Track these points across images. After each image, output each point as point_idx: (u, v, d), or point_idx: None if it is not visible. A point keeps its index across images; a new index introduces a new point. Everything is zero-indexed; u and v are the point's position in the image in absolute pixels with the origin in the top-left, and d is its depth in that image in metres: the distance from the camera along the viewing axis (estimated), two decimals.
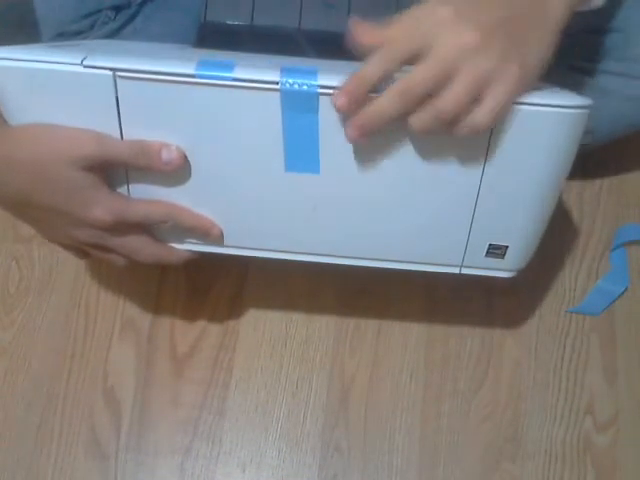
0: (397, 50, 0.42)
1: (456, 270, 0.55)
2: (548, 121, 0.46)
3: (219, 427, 0.71)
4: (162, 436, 0.70)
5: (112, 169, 0.49)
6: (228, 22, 0.63)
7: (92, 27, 0.68)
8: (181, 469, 0.69)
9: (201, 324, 0.74)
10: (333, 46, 0.48)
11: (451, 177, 0.49)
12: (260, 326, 0.74)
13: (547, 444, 0.70)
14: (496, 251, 0.53)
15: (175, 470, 0.69)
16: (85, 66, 0.45)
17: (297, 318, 0.74)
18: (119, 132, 0.47)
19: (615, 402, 0.71)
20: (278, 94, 0.45)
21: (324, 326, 0.74)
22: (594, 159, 0.79)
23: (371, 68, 0.42)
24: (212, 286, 0.76)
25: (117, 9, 0.68)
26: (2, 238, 0.78)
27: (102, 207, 0.48)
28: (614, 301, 0.75)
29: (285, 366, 0.73)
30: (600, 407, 0.71)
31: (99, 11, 0.67)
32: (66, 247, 0.55)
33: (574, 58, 0.67)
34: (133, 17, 0.70)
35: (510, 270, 0.55)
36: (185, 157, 0.48)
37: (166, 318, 0.74)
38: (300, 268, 0.76)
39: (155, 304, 0.75)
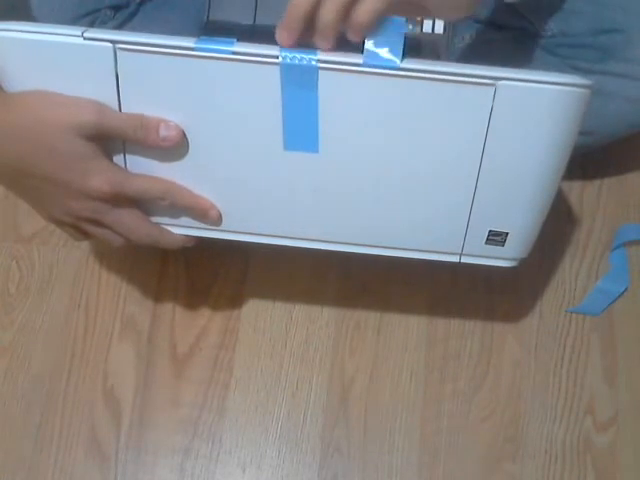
0: None
1: (456, 258, 0.55)
2: (549, 99, 0.45)
3: (219, 427, 0.71)
4: (162, 436, 0.70)
5: (111, 142, 0.49)
6: (231, 21, 0.63)
7: (91, 26, 0.68)
8: (181, 469, 0.69)
9: (201, 324, 0.74)
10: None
11: (450, 158, 0.48)
12: (260, 326, 0.74)
13: (547, 444, 0.70)
14: (496, 238, 0.53)
15: (175, 470, 0.69)
16: (86, 38, 0.45)
17: (297, 318, 0.74)
18: (118, 105, 0.48)
19: (615, 402, 0.71)
20: (278, 68, 0.45)
21: (324, 326, 0.74)
22: (594, 159, 0.79)
23: None
24: (212, 286, 0.75)
25: (116, 8, 0.68)
26: (2, 238, 0.78)
27: (101, 177, 0.48)
28: (614, 301, 0.75)
29: (285, 366, 0.73)
30: (600, 407, 0.71)
31: (98, 10, 0.67)
32: (63, 227, 0.55)
33: (574, 58, 0.67)
34: (132, 16, 0.69)
35: (511, 259, 0.55)
36: (183, 134, 0.48)
37: (166, 318, 0.74)
38: (300, 268, 0.76)
39: (155, 304, 0.75)
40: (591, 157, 0.79)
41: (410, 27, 0.49)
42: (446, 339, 0.74)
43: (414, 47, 0.46)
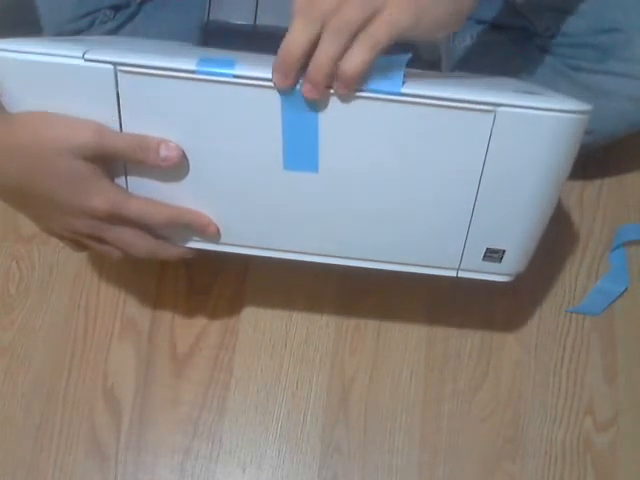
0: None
1: (453, 273, 0.55)
2: (547, 125, 0.46)
3: (219, 427, 0.71)
4: (162, 436, 0.70)
5: (112, 162, 0.49)
6: (231, 22, 0.63)
7: (91, 26, 0.68)
8: (181, 469, 0.69)
9: (201, 324, 0.74)
10: None
11: (449, 180, 0.49)
12: (260, 326, 0.74)
13: (547, 444, 0.70)
14: (493, 255, 0.53)
15: (175, 470, 0.69)
16: (86, 60, 0.45)
17: (297, 318, 0.74)
18: (119, 126, 0.48)
19: (615, 402, 0.71)
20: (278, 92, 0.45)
21: (324, 326, 0.74)
22: (594, 159, 0.79)
23: (295, 36, 0.42)
24: (212, 286, 0.75)
25: (116, 8, 0.68)
26: (2, 238, 0.78)
27: (101, 197, 0.48)
28: (614, 301, 0.75)
29: (285, 366, 0.73)
30: (600, 407, 0.71)
31: (98, 10, 0.67)
32: (63, 239, 0.55)
33: (575, 58, 0.67)
34: (132, 16, 0.69)
35: (507, 274, 0.55)
36: (183, 154, 0.49)
37: (166, 318, 0.74)
38: (300, 268, 0.76)
39: (155, 304, 0.75)
40: (591, 157, 0.79)
41: None
42: (446, 339, 0.74)
43: (414, 50, 0.46)
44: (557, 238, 0.77)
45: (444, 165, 0.48)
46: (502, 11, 0.71)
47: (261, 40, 0.46)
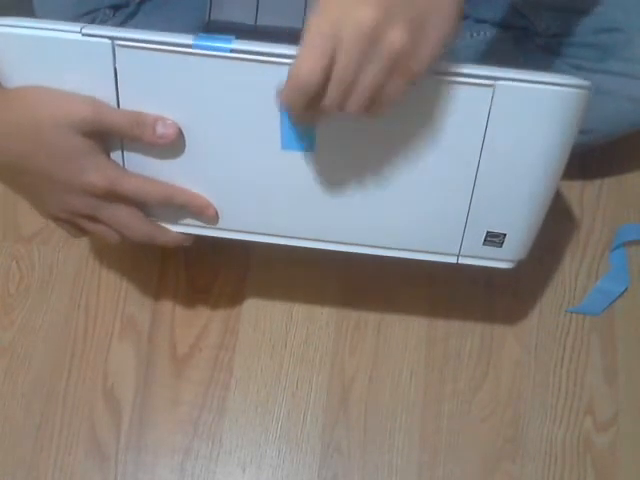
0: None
1: (453, 259, 0.55)
2: (548, 100, 0.45)
3: (219, 427, 0.71)
4: (162, 436, 0.70)
5: (109, 139, 0.49)
6: (232, 21, 0.63)
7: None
8: (181, 469, 0.69)
9: (201, 324, 0.74)
10: None
11: (448, 158, 0.48)
12: (260, 326, 0.74)
13: (547, 444, 0.70)
14: (494, 239, 0.53)
15: (175, 470, 0.69)
16: (84, 34, 0.45)
17: (297, 318, 0.74)
18: (116, 102, 0.48)
19: (615, 402, 0.71)
20: (276, 67, 0.45)
21: (324, 326, 0.74)
22: (594, 159, 0.79)
23: (305, 70, 0.40)
24: (212, 286, 0.75)
25: (116, 8, 0.68)
26: (2, 238, 0.78)
27: (98, 173, 0.49)
28: (614, 301, 0.75)
29: (285, 366, 0.73)
30: (600, 407, 0.71)
31: (97, 9, 0.67)
32: (60, 223, 0.55)
33: (575, 57, 0.67)
34: (132, 15, 0.69)
35: (508, 260, 0.55)
36: (180, 132, 0.49)
37: (166, 318, 0.74)
38: (300, 268, 0.76)
39: (155, 304, 0.75)
40: (591, 157, 0.79)
41: None
42: (446, 339, 0.74)
43: None
44: (557, 238, 0.77)
45: (443, 142, 0.47)
46: (502, 10, 0.71)
47: (262, 40, 0.46)
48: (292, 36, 0.50)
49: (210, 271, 0.76)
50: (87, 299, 0.75)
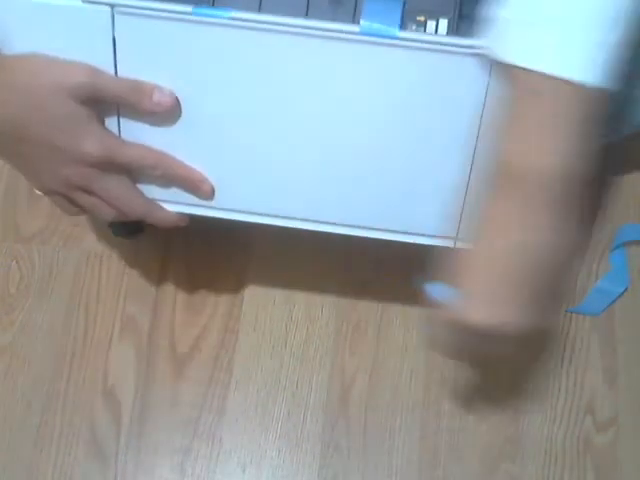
0: None
1: (450, 243, 0.53)
2: None
3: (219, 427, 0.71)
4: (162, 436, 0.70)
5: (105, 107, 0.49)
6: None
7: None
8: (181, 469, 0.69)
9: (201, 324, 0.74)
10: None
11: (445, 134, 0.48)
12: (260, 326, 0.74)
13: (547, 444, 0.70)
14: None
15: (175, 470, 0.69)
16: (84, 1, 0.45)
17: (297, 318, 0.74)
18: (114, 70, 0.48)
19: (615, 402, 0.71)
20: (276, 36, 0.44)
21: (324, 326, 0.74)
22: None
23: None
24: (212, 286, 0.75)
25: None
26: (2, 238, 0.78)
27: (93, 141, 0.49)
28: (614, 301, 0.75)
29: (285, 366, 0.73)
30: (600, 407, 0.71)
31: None
32: (55, 197, 0.55)
33: None
34: None
35: None
36: (177, 101, 0.48)
37: (166, 318, 0.74)
38: (300, 267, 0.76)
39: (155, 304, 0.75)
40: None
41: (414, 28, 0.49)
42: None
43: None
44: None
45: (440, 116, 0.47)
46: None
47: None
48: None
49: (210, 271, 0.76)
50: (87, 299, 0.75)
